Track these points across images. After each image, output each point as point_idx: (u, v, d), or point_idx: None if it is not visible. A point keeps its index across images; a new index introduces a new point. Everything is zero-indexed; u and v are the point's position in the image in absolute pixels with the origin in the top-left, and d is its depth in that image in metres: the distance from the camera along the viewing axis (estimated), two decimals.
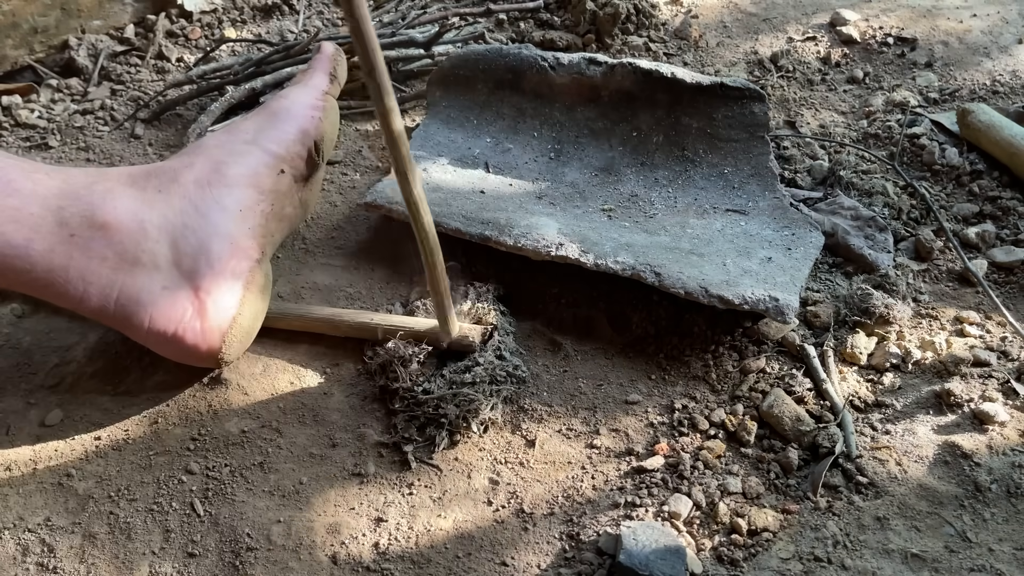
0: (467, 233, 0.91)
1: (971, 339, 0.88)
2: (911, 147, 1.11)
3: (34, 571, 0.70)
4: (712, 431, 0.80)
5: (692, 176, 1.01)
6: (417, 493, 0.75)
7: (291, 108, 0.89)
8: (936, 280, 0.96)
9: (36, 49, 1.27)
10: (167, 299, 0.76)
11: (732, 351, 0.87)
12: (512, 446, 0.79)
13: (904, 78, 1.26)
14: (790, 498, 0.75)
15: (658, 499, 0.74)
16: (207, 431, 0.80)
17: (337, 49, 0.99)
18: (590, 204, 0.99)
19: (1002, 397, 0.82)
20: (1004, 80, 1.23)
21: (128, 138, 1.16)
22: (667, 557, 0.66)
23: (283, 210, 0.86)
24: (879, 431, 0.80)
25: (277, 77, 1.18)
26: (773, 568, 0.69)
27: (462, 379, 0.79)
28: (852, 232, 0.97)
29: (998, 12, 1.37)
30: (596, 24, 1.30)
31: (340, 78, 0.97)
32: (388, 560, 0.70)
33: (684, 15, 1.38)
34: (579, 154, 1.05)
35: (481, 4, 1.35)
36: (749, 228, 0.94)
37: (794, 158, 1.11)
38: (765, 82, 1.25)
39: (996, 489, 0.74)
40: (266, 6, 1.41)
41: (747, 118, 0.99)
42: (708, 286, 0.82)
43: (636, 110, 1.03)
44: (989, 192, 1.04)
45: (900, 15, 1.37)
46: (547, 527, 0.73)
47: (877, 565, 0.69)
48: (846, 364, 0.87)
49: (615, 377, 0.86)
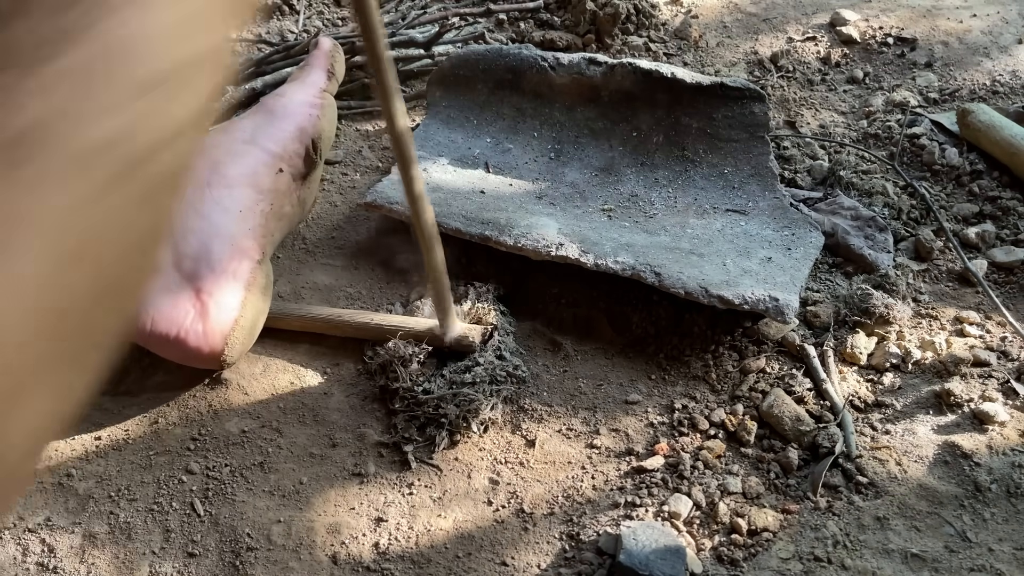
0: (467, 233, 0.91)
1: (971, 339, 0.88)
2: (911, 147, 1.11)
3: (34, 571, 0.70)
4: (712, 431, 0.80)
5: (692, 176, 1.01)
6: (417, 493, 0.75)
7: (288, 106, 0.89)
8: (936, 280, 0.96)
9: None
10: (168, 301, 0.76)
11: (732, 351, 0.87)
12: (512, 446, 0.79)
13: (904, 78, 1.26)
14: (790, 498, 0.75)
15: (658, 499, 0.74)
16: (207, 431, 0.80)
17: (335, 44, 0.99)
18: (590, 204, 0.99)
19: (1002, 397, 0.82)
20: (1004, 80, 1.23)
21: None
22: (667, 557, 0.66)
23: (282, 209, 0.86)
24: (879, 431, 0.80)
25: (277, 77, 1.18)
26: (773, 568, 0.69)
27: (462, 379, 0.79)
28: (852, 232, 0.97)
29: (998, 12, 1.37)
30: (596, 24, 1.30)
31: (338, 74, 0.97)
32: (388, 560, 0.70)
33: (684, 15, 1.38)
34: (579, 154, 1.05)
35: (481, 4, 1.35)
36: (749, 228, 0.94)
37: (794, 158, 1.11)
38: (765, 82, 1.25)
39: (996, 489, 0.74)
40: (266, 6, 1.41)
41: (747, 118, 0.99)
42: (708, 286, 0.82)
43: (636, 110, 1.03)
44: (989, 192, 1.04)
45: (900, 15, 1.37)
46: (547, 527, 0.73)
47: (877, 565, 0.69)
48: (846, 364, 0.87)
49: (615, 377, 0.86)
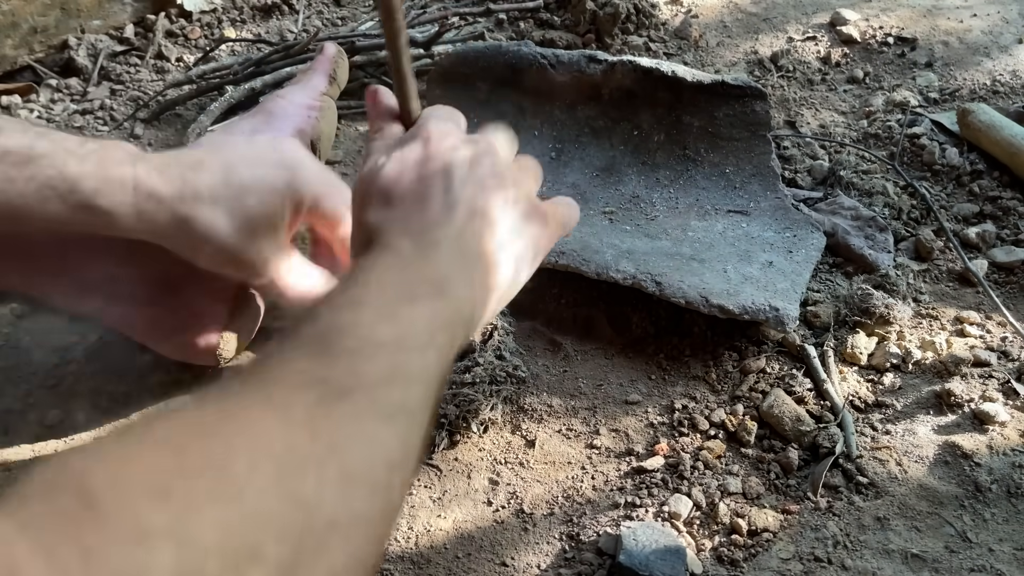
0: None
1: (971, 339, 0.88)
2: (911, 147, 1.11)
3: None
4: (712, 431, 0.80)
5: (694, 176, 1.01)
6: (417, 493, 0.75)
7: (287, 108, 0.89)
8: (936, 280, 0.96)
9: (36, 49, 1.26)
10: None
11: (732, 351, 0.87)
12: (512, 446, 0.79)
13: (904, 78, 1.26)
14: (790, 498, 0.75)
15: (658, 499, 0.74)
16: None
17: (339, 50, 0.99)
18: (591, 207, 0.99)
19: (1002, 397, 0.82)
20: (1004, 80, 1.23)
21: (128, 138, 1.16)
22: (667, 557, 0.66)
23: None
24: (879, 431, 0.80)
25: (277, 77, 1.17)
26: (773, 568, 0.69)
27: (461, 379, 0.79)
28: (852, 232, 0.97)
29: (998, 12, 1.37)
30: (596, 24, 1.30)
31: (340, 79, 0.97)
32: (388, 560, 0.70)
33: (684, 15, 1.38)
34: (580, 153, 1.05)
35: (481, 4, 1.34)
36: (751, 230, 0.94)
37: (794, 158, 1.11)
38: (765, 82, 1.25)
39: (996, 489, 0.74)
40: (266, 6, 1.41)
41: (748, 116, 0.99)
42: (709, 295, 0.83)
43: (637, 108, 1.03)
44: (989, 192, 1.04)
45: (900, 15, 1.37)
46: (547, 527, 0.73)
47: (877, 565, 0.69)
48: (846, 364, 0.87)
49: (615, 377, 0.86)
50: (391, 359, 0.28)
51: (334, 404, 0.26)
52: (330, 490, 0.23)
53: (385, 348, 0.29)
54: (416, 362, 0.29)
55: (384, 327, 0.30)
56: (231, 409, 0.25)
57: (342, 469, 0.24)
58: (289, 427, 0.24)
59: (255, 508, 0.20)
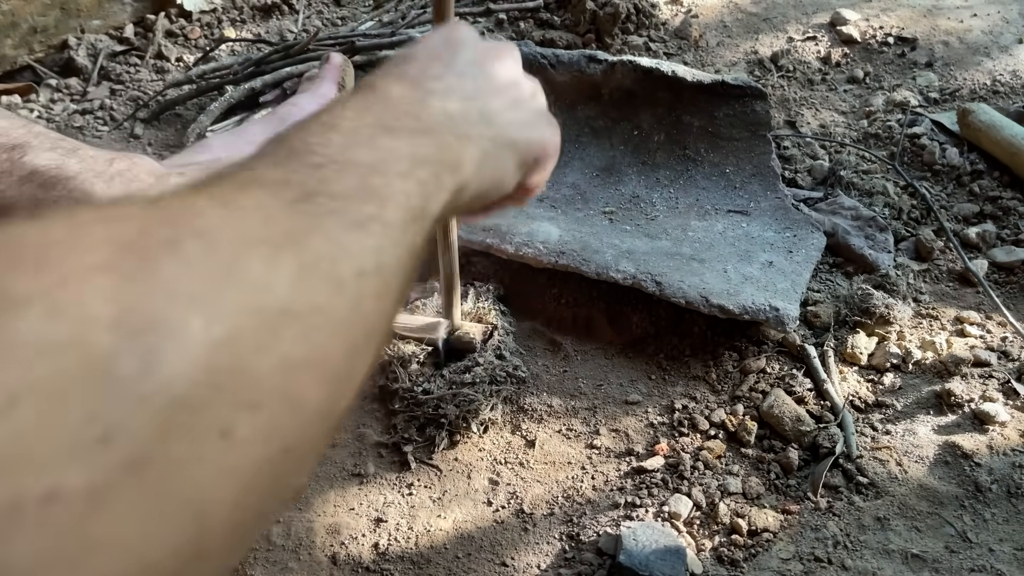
0: (469, 241, 0.91)
1: (971, 339, 0.88)
2: (911, 147, 1.11)
3: None
4: (712, 431, 0.80)
5: (694, 176, 1.01)
6: (417, 493, 0.75)
7: (299, 115, 0.89)
8: (936, 280, 0.96)
9: (36, 49, 1.26)
10: None
11: (732, 351, 0.87)
12: (512, 446, 0.79)
13: (904, 78, 1.26)
14: (790, 498, 0.75)
15: (658, 499, 0.74)
16: None
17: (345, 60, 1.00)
18: (591, 207, 0.99)
19: (1002, 397, 0.82)
20: (1004, 80, 1.23)
21: (127, 138, 1.16)
22: (667, 557, 0.66)
23: None
24: (879, 431, 0.80)
25: (276, 77, 1.17)
26: (773, 568, 0.69)
27: (462, 379, 0.79)
28: (852, 232, 0.97)
29: (998, 12, 1.37)
30: (596, 24, 1.30)
31: (348, 87, 0.97)
32: (388, 560, 0.70)
33: (684, 15, 1.38)
34: (580, 153, 1.05)
35: (481, 4, 1.34)
36: (751, 230, 0.94)
37: (794, 158, 1.11)
38: (765, 82, 1.25)
39: (996, 489, 0.74)
40: (266, 6, 1.41)
41: (748, 116, 0.99)
42: (709, 295, 0.83)
43: (637, 108, 1.03)
44: (989, 192, 1.04)
45: (900, 15, 1.37)
46: (547, 527, 0.73)
47: (877, 565, 0.69)
48: (846, 364, 0.87)
49: (615, 377, 0.86)
50: (364, 180, 0.26)
51: (295, 203, 0.23)
52: (282, 276, 0.21)
53: (357, 168, 0.26)
54: (396, 185, 0.27)
55: (358, 151, 0.27)
56: (163, 203, 0.22)
57: (298, 258, 0.21)
58: (233, 211, 0.22)
59: (170, 278, 0.18)
